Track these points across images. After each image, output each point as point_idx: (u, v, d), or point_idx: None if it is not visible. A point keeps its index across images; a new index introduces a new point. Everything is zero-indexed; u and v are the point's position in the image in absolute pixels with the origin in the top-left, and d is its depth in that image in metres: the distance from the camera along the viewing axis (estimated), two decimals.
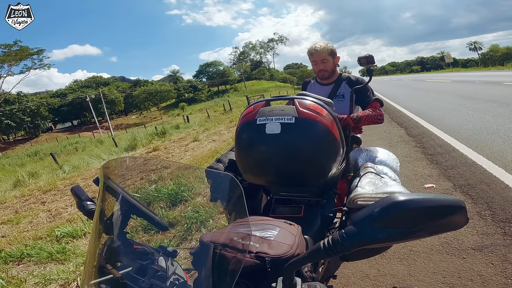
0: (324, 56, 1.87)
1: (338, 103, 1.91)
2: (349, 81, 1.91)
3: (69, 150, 24.17)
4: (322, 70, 1.92)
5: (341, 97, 1.92)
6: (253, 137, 1.16)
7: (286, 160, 1.11)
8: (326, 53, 1.86)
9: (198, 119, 24.73)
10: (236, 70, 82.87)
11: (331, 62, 1.90)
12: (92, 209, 0.89)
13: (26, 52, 40.73)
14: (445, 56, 73.00)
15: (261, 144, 1.13)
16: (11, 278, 2.60)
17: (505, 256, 1.83)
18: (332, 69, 1.93)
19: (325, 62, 1.89)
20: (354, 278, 1.93)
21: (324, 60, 1.89)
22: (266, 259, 0.73)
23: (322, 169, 1.15)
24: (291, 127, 1.09)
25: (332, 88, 1.95)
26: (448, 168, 3.36)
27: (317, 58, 1.89)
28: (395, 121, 6.95)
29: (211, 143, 9.27)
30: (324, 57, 1.88)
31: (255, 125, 1.14)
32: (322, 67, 1.91)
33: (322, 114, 1.13)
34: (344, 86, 1.92)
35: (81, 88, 61.59)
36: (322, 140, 1.11)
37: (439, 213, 0.52)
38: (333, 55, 1.90)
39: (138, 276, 0.73)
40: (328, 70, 1.92)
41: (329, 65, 1.91)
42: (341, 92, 1.93)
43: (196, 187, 2.62)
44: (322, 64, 1.90)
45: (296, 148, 1.10)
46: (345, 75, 1.97)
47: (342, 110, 1.85)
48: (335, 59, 1.92)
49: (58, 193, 6.27)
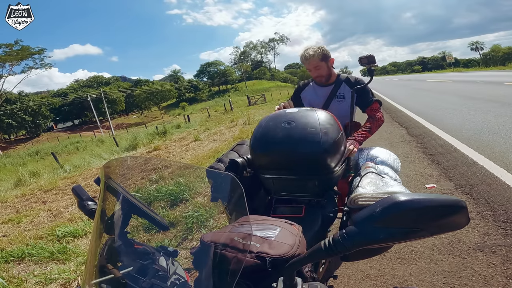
0: (316, 63, 1.84)
1: (339, 103, 1.91)
2: (348, 82, 1.90)
3: (70, 150, 24.22)
4: (318, 76, 1.91)
5: (342, 97, 1.91)
6: (276, 120, 1.31)
7: (294, 146, 1.21)
8: (317, 59, 1.83)
9: (199, 118, 24.75)
10: (237, 70, 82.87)
11: (325, 66, 1.88)
12: (93, 208, 0.89)
13: (27, 51, 40.77)
14: (446, 56, 72.92)
15: (281, 128, 1.26)
16: (12, 278, 2.61)
17: (506, 257, 1.82)
18: (328, 73, 1.91)
19: (319, 68, 1.87)
20: (354, 278, 1.93)
21: (317, 67, 1.86)
22: (267, 259, 0.73)
23: (326, 166, 1.20)
24: (312, 129, 1.23)
25: (332, 89, 1.93)
26: (449, 168, 3.35)
27: (310, 66, 1.88)
28: (396, 121, 6.94)
29: (211, 142, 9.28)
30: (316, 64, 1.85)
31: (284, 113, 1.33)
32: (316, 74, 1.90)
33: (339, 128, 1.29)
34: (344, 86, 1.91)
35: (82, 87, 61.64)
36: (331, 146, 1.22)
37: (440, 213, 0.51)
38: (325, 59, 1.86)
39: (139, 276, 0.73)
40: (324, 75, 1.91)
41: (323, 70, 1.88)
42: (341, 93, 1.91)
43: (197, 186, 2.62)
44: (316, 71, 1.88)
45: (307, 142, 1.19)
46: (343, 76, 1.95)
47: (342, 110, 1.85)
48: (328, 63, 1.88)
49: (59, 193, 6.29)
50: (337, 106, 1.91)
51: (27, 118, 47.99)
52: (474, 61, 73.69)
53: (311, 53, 1.83)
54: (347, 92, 1.88)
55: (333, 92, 1.92)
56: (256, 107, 25.33)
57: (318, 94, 1.99)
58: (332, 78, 1.94)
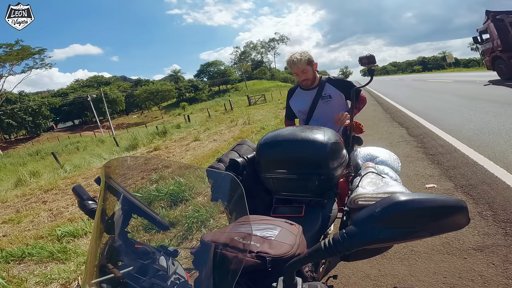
0: (303, 67, 1.97)
1: (326, 103, 2.05)
2: (330, 81, 2.06)
3: (70, 150, 24.22)
4: (305, 80, 2.04)
5: (328, 97, 2.04)
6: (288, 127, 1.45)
7: (297, 145, 1.27)
8: (304, 64, 1.96)
9: (199, 118, 24.76)
10: (237, 70, 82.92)
11: (311, 70, 2.01)
12: (93, 208, 0.89)
13: (27, 51, 40.76)
14: (446, 56, 72.79)
15: (287, 129, 1.38)
16: (12, 278, 2.61)
17: (506, 257, 1.82)
18: (314, 76, 2.05)
19: (305, 72, 2.00)
20: (354, 278, 1.93)
21: (304, 71, 1.99)
22: (267, 258, 0.73)
23: (326, 166, 1.24)
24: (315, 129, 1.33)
25: (317, 91, 2.06)
26: (449, 168, 3.35)
27: (297, 70, 2.00)
28: (396, 121, 6.94)
29: (212, 142, 9.28)
30: (303, 68, 1.98)
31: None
32: (303, 77, 2.03)
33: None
34: (328, 87, 2.05)
35: (83, 87, 61.65)
36: (332, 146, 1.28)
37: (440, 213, 0.51)
38: (310, 64, 1.99)
39: (139, 276, 0.73)
40: (310, 78, 2.04)
41: (310, 74, 2.02)
42: (326, 93, 2.04)
43: (197, 186, 2.63)
44: (303, 74, 2.01)
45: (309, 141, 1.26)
46: (324, 77, 2.10)
47: (331, 109, 2.01)
48: (313, 66, 2.03)
49: (59, 193, 6.29)
50: (325, 107, 2.04)
51: (27, 118, 48.02)
52: (474, 61, 73.59)
53: (298, 57, 1.95)
54: (333, 91, 2.03)
55: (318, 93, 2.05)
56: (256, 107, 25.34)
57: (304, 97, 2.13)
58: (316, 82, 2.08)
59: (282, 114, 13.53)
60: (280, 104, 21.88)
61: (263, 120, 12.44)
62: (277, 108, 18.61)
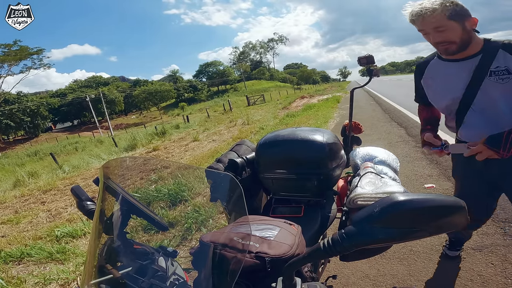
0: (438, 22, 1.10)
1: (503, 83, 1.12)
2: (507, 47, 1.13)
3: (69, 150, 24.13)
4: (442, 42, 1.15)
5: (504, 72, 1.11)
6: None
7: (296, 145, 1.30)
8: (442, 17, 1.08)
9: (198, 119, 24.73)
10: (236, 70, 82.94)
11: (457, 28, 1.11)
12: (92, 209, 0.89)
13: (25, 52, 40.64)
14: None
15: (287, 130, 1.42)
16: (11, 278, 2.60)
17: (505, 256, 1.82)
18: (462, 38, 1.13)
19: (443, 30, 1.11)
20: (354, 278, 1.93)
21: (440, 28, 1.11)
22: (266, 259, 0.73)
23: (325, 166, 1.27)
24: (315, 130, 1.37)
25: (479, 62, 1.16)
26: (448, 168, 3.35)
27: (426, 27, 1.14)
28: (395, 121, 6.95)
29: (211, 143, 9.27)
30: (438, 24, 1.10)
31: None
32: (438, 39, 1.14)
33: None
34: (504, 55, 1.12)
35: (81, 88, 61.49)
36: (332, 146, 1.31)
37: (439, 214, 0.52)
38: (458, 18, 1.09)
39: (138, 276, 0.73)
40: (456, 42, 1.13)
41: (453, 34, 1.12)
42: (501, 66, 1.12)
43: (196, 187, 2.62)
44: (438, 33, 1.13)
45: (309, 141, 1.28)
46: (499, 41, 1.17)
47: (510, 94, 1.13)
48: (465, 22, 1.11)
49: (58, 193, 6.27)
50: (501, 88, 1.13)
51: (26, 118, 47.85)
52: None
53: (428, 5, 1.09)
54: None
55: (481, 67, 1.16)
56: (255, 107, 25.33)
57: (452, 75, 1.24)
58: (474, 47, 1.17)
59: (281, 114, 13.54)
60: (279, 104, 21.88)
61: (262, 120, 12.43)
62: (276, 108, 18.61)
